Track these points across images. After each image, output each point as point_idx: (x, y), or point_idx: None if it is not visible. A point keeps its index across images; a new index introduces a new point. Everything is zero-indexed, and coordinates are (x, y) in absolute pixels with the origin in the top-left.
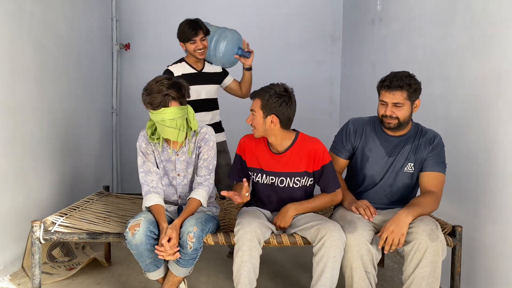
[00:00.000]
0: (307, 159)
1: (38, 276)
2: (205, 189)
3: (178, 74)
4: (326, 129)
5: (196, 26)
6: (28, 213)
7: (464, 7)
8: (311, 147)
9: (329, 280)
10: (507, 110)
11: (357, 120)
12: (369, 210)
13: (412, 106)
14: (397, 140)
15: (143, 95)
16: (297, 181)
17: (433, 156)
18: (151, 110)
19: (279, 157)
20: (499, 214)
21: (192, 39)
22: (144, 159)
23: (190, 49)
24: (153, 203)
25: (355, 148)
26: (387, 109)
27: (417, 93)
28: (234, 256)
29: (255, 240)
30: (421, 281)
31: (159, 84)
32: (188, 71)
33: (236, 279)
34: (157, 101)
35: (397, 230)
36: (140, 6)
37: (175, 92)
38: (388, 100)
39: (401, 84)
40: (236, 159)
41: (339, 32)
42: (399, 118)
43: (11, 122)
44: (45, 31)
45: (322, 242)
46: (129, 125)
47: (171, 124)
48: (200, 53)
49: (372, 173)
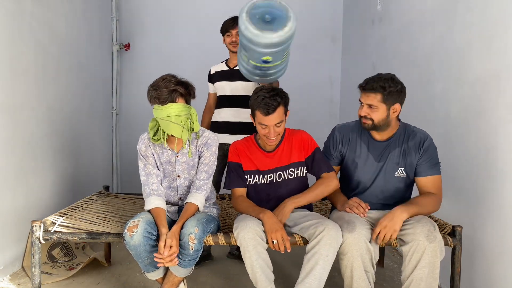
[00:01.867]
0: (297, 149)
1: (38, 276)
2: (203, 193)
3: (212, 72)
4: (326, 129)
5: (236, 19)
6: (28, 213)
7: (464, 7)
8: (298, 137)
9: (317, 280)
10: (507, 110)
11: (343, 127)
12: (361, 206)
13: (389, 110)
14: (384, 145)
15: (150, 91)
16: (292, 172)
17: (426, 160)
18: (158, 105)
19: (271, 154)
20: (499, 214)
21: (229, 31)
22: (145, 162)
23: (226, 42)
24: (153, 206)
25: (343, 155)
26: (362, 109)
27: (394, 97)
28: (243, 258)
29: (257, 237)
30: (419, 282)
31: (166, 80)
32: (220, 68)
33: (253, 279)
34: (164, 95)
35: (390, 226)
36: (140, 6)
37: (182, 89)
38: (363, 101)
39: (375, 86)
40: (231, 166)
41: (339, 32)
42: (373, 120)
43: (11, 122)
44: (45, 31)
45: (317, 239)
46: (129, 125)
47: (176, 120)
48: (233, 46)
49: (362, 179)
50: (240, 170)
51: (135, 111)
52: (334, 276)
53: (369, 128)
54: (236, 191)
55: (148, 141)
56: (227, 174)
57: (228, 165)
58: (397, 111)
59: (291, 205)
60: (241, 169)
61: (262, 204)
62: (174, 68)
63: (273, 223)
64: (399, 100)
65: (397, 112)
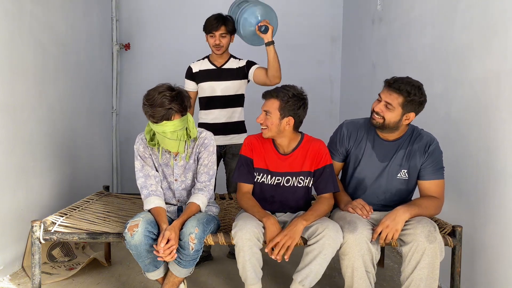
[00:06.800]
0: (311, 159)
1: (38, 276)
2: (205, 195)
3: (195, 70)
4: (326, 129)
5: (220, 21)
6: (28, 213)
7: (464, 7)
8: (316, 147)
9: (313, 273)
10: (507, 110)
11: (351, 123)
12: (365, 208)
13: (403, 116)
14: (390, 145)
15: (145, 106)
16: (301, 180)
17: (430, 163)
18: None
19: (285, 157)
20: (499, 214)
21: (212, 32)
22: (143, 163)
23: (209, 43)
24: (153, 206)
25: (348, 152)
26: (378, 105)
27: (414, 105)
28: (237, 256)
29: (253, 238)
30: (419, 283)
31: (161, 96)
32: (206, 67)
33: (243, 276)
34: (159, 114)
35: (392, 225)
36: (140, 6)
37: (177, 106)
38: (383, 97)
39: (402, 87)
40: (243, 160)
41: (339, 32)
42: (385, 119)
43: (11, 122)
44: (45, 31)
45: (317, 238)
46: (129, 125)
47: (172, 136)
48: (217, 49)
49: (364, 177)
50: (251, 166)
51: (135, 111)
52: (334, 276)
53: (377, 126)
54: (243, 186)
55: (146, 141)
56: (237, 167)
57: (240, 158)
58: (409, 119)
59: (302, 226)
60: (252, 165)
61: (265, 205)
62: (174, 68)
63: (276, 230)
64: (416, 110)
65: (409, 120)
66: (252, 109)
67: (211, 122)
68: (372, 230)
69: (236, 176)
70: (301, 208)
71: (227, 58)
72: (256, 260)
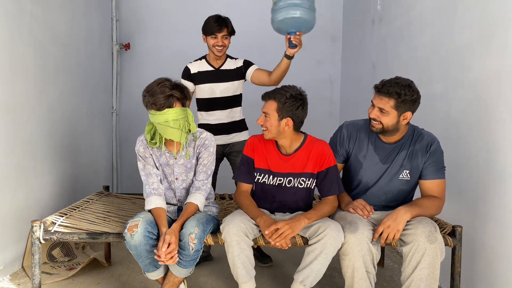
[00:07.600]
0: (314, 160)
1: (38, 276)
2: (202, 193)
3: (194, 71)
4: (326, 129)
5: (222, 23)
6: (28, 213)
7: (464, 7)
8: (319, 148)
9: (314, 272)
10: (507, 110)
11: (351, 125)
12: (366, 208)
13: (399, 117)
14: (391, 147)
15: (145, 97)
16: (302, 181)
17: (432, 163)
18: (155, 111)
19: (287, 158)
20: (499, 214)
21: (214, 34)
22: (144, 163)
23: (209, 43)
24: (154, 206)
25: (349, 153)
26: (373, 111)
27: (407, 105)
28: (226, 253)
29: (241, 233)
30: (419, 283)
31: (161, 85)
32: (204, 68)
33: (234, 273)
34: (161, 101)
35: (393, 226)
36: (140, 6)
37: (178, 93)
38: (375, 103)
39: (390, 91)
40: (245, 160)
41: (339, 32)
42: (383, 124)
43: (11, 122)
44: (45, 31)
45: (318, 237)
46: (129, 125)
47: (174, 125)
48: (219, 50)
49: (365, 179)
50: (251, 166)
51: (135, 111)
52: (334, 276)
53: (378, 132)
54: (241, 185)
55: (146, 142)
56: (238, 166)
57: (242, 157)
58: (407, 118)
59: (303, 222)
60: (252, 165)
61: (266, 205)
62: (174, 68)
63: (267, 219)
64: (411, 108)
65: (407, 120)
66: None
67: (214, 123)
68: (372, 230)
69: (237, 175)
70: (301, 209)
71: (224, 58)
72: (246, 257)
